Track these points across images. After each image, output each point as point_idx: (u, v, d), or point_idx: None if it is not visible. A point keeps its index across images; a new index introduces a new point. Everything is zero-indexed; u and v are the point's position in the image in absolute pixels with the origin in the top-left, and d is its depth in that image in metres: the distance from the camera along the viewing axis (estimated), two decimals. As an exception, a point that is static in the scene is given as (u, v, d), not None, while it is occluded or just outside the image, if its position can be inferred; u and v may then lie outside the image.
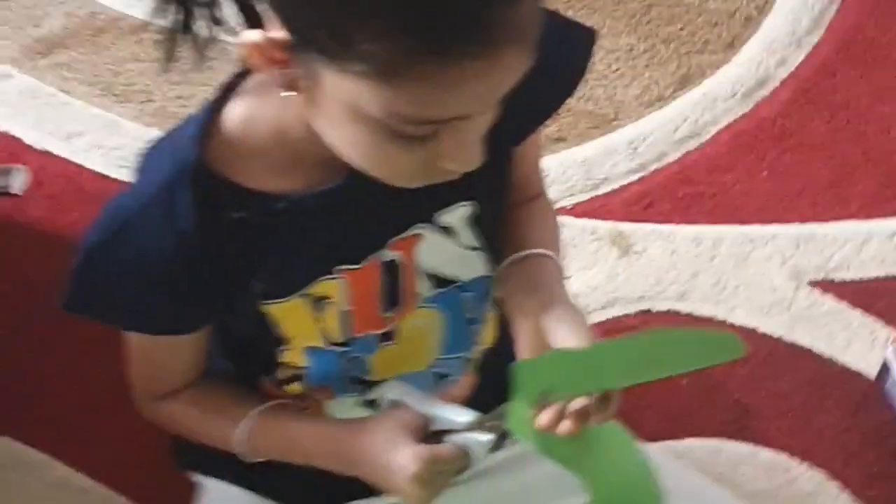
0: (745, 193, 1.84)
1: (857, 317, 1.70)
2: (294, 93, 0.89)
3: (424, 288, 1.10)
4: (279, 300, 1.06)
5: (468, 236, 1.10)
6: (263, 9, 0.88)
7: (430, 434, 1.06)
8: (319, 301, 1.07)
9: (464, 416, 1.05)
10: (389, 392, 1.10)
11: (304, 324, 1.08)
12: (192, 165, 0.98)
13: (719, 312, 1.70)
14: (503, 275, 1.11)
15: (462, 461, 1.04)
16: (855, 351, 1.67)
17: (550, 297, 1.05)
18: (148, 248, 1.00)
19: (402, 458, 1.03)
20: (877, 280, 1.75)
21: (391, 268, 1.08)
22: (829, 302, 1.72)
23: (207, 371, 1.16)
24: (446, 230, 1.08)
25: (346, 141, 0.90)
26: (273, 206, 1.00)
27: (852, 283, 1.74)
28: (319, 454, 1.11)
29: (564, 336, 1.00)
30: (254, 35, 0.86)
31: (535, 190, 1.19)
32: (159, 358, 1.13)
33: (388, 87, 0.82)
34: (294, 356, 1.12)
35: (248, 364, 1.16)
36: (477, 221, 1.09)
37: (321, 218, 1.02)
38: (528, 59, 0.85)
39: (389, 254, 1.06)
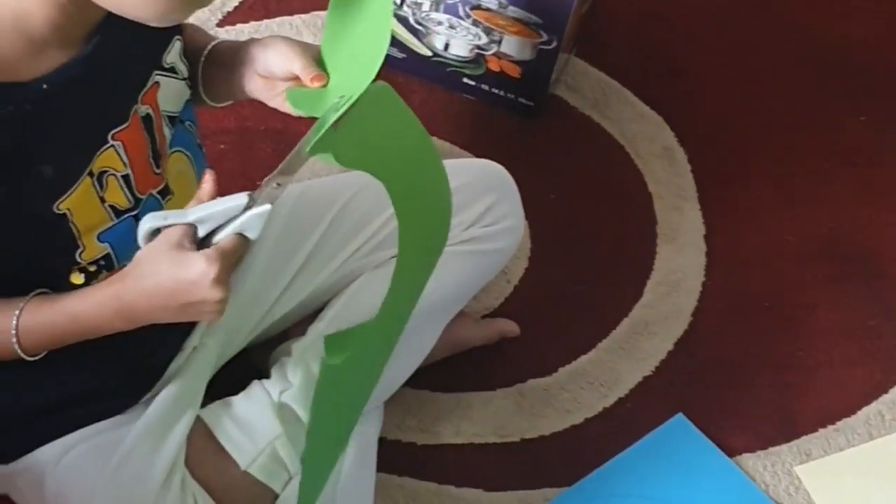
0: None
1: None
2: None
3: (167, 132, 1.19)
4: (70, 190, 1.10)
5: (183, 69, 1.22)
6: None
7: (200, 241, 1.09)
8: (101, 176, 1.13)
9: (233, 200, 1.09)
10: (145, 224, 1.10)
11: (93, 208, 1.14)
12: None
13: None
14: (206, 67, 1.25)
15: (244, 247, 1.09)
16: None
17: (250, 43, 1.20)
18: None
19: (196, 269, 1.06)
20: None
21: (147, 122, 1.17)
22: None
23: None
24: (171, 69, 1.19)
25: None
26: (34, 90, 1.06)
27: None
28: (103, 317, 1.12)
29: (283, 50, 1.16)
30: None
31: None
32: None
33: None
34: (91, 251, 1.15)
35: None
36: (185, 53, 1.22)
37: (81, 88, 1.09)
38: None
39: (143, 108, 1.15)
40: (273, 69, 1.17)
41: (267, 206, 1.08)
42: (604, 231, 1.76)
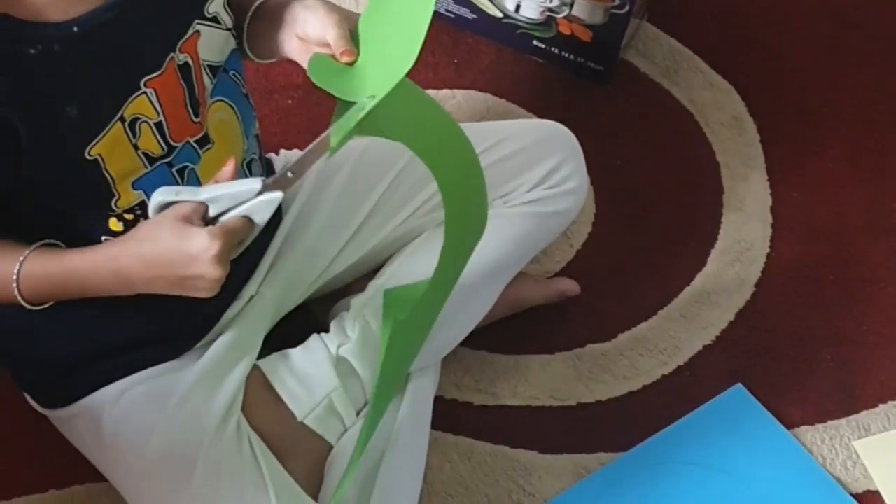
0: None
1: None
2: None
3: (208, 82, 1.18)
4: (100, 135, 1.10)
5: (227, 19, 1.20)
6: None
7: (209, 220, 1.09)
8: (134, 123, 1.12)
9: (247, 184, 1.09)
10: (157, 197, 1.10)
11: (126, 154, 1.13)
12: None
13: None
14: (252, 22, 1.23)
15: (248, 230, 1.09)
16: None
17: (296, 3, 1.18)
18: None
19: (198, 243, 1.06)
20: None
21: (185, 71, 1.16)
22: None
23: None
24: (213, 19, 1.18)
25: None
26: (67, 32, 1.05)
27: None
28: (99, 276, 1.12)
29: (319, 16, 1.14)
30: None
31: None
32: None
33: None
34: (126, 198, 1.15)
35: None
36: (230, 5, 1.21)
37: (113, 33, 1.08)
38: None
39: (181, 56, 1.14)
40: (309, 33, 1.16)
41: (278, 194, 1.08)
42: (669, 198, 1.74)
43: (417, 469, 1.37)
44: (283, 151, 1.48)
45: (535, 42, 1.83)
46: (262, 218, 1.09)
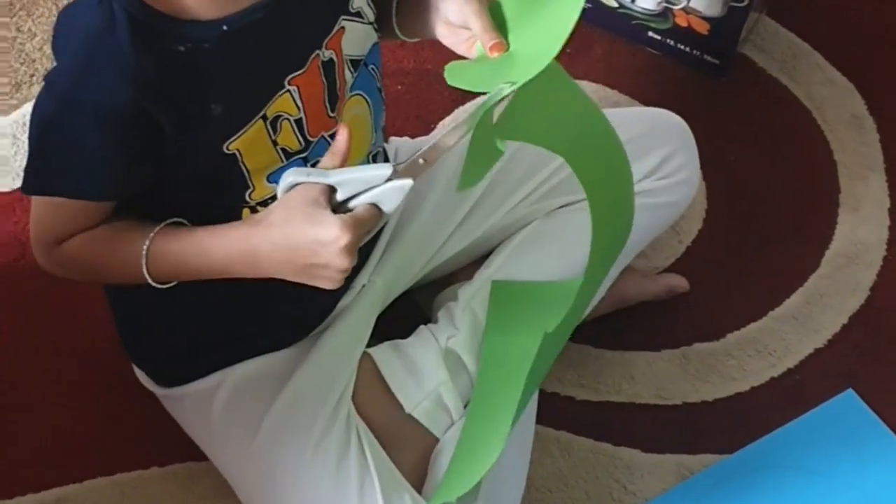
0: None
1: None
2: None
3: (349, 76, 1.17)
4: (241, 131, 1.09)
5: (369, 13, 1.20)
6: None
7: (336, 204, 1.07)
8: (276, 121, 1.13)
9: (377, 169, 1.06)
10: (287, 177, 1.08)
11: (264, 150, 1.12)
12: (126, 8, 1.02)
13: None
14: (400, 4, 1.22)
15: (377, 219, 1.07)
16: None
17: None
18: (101, 100, 1.04)
19: (330, 232, 1.04)
20: None
21: (328, 68, 1.15)
22: None
23: None
24: (357, 14, 1.18)
25: None
26: (216, 30, 1.05)
27: None
28: (228, 256, 1.12)
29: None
30: None
31: None
32: (74, 219, 1.14)
33: None
34: (261, 191, 1.15)
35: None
36: None
37: (261, 32, 1.08)
38: None
39: (326, 53, 1.13)
40: (451, 19, 1.15)
41: (408, 181, 1.06)
42: (783, 197, 1.71)
43: (523, 464, 1.36)
44: (392, 139, 1.47)
45: (650, 33, 1.80)
46: (390, 206, 1.07)
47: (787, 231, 1.67)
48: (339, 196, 1.07)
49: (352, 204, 1.07)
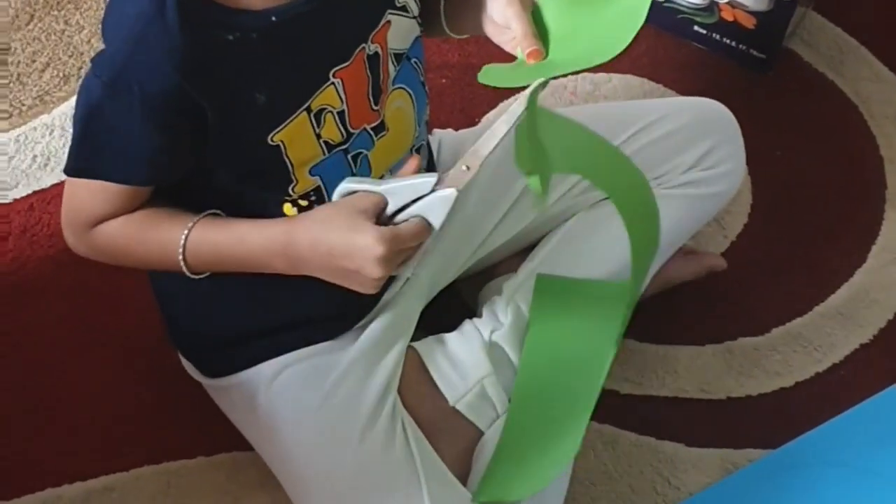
0: None
1: None
2: None
3: (392, 70, 1.17)
4: (285, 122, 1.10)
5: (413, 7, 1.20)
6: None
7: (387, 217, 1.08)
8: (320, 113, 1.13)
9: (424, 178, 1.07)
10: (344, 184, 1.10)
11: (308, 142, 1.13)
12: None
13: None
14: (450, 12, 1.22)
15: (425, 233, 1.07)
16: None
17: None
18: (148, 84, 1.05)
19: (365, 240, 1.06)
20: None
21: (373, 61, 1.16)
22: None
23: None
24: (403, 8, 1.18)
25: None
26: (265, 20, 1.06)
27: None
28: (268, 249, 1.13)
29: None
30: None
31: None
32: (112, 203, 1.15)
33: None
34: (303, 184, 1.15)
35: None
36: None
37: (309, 24, 1.08)
38: None
39: (372, 47, 1.14)
40: (495, 18, 1.16)
41: (452, 191, 1.06)
42: (830, 192, 1.70)
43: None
44: (436, 131, 1.47)
45: (695, 27, 1.79)
46: (438, 219, 1.08)
47: (832, 226, 1.67)
48: (391, 206, 1.08)
49: (399, 218, 1.08)
